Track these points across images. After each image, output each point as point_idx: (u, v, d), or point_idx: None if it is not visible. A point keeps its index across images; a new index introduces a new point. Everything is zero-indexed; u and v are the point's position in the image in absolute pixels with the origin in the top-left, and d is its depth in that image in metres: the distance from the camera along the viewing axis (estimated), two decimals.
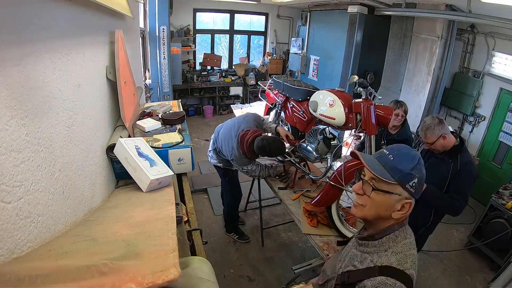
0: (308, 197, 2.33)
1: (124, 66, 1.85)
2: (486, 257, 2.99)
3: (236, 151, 2.33)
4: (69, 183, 1.06)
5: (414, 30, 4.11)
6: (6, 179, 0.69)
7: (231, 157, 2.38)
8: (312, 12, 5.93)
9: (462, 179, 1.89)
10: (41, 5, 0.94)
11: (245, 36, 7.11)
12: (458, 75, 4.18)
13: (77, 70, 1.21)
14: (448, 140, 1.91)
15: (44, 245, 0.83)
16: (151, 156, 1.57)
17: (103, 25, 1.69)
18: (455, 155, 1.92)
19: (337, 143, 2.24)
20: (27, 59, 0.83)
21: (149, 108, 2.52)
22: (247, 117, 2.51)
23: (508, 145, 3.64)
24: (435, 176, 1.95)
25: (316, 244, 1.93)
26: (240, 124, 2.40)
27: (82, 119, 1.24)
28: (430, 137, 1.93)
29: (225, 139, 2.43)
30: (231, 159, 2.41)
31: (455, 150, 1.93)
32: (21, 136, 0.77)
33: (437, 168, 1.98)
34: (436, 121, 1.89)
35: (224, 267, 2.74)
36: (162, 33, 5.08)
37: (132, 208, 1.29)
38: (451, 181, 1.92)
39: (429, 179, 1.92)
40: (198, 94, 6.63)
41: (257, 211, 3.24)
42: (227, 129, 2.48)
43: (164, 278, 0.67)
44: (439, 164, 1.99)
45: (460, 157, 1.91)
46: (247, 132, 2.30)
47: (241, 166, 2.41)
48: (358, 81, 1.83)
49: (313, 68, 6.07)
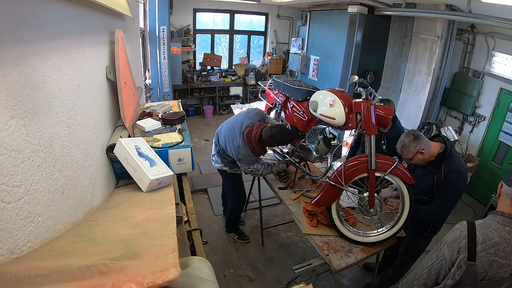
0: (308, 197, 2.33)
1: (124, 66, 1.85)
2: None
3: (243, 149, 2.28)
4: (69, 183, 1.06)
5: (414, 30, 4.10)
6: (6, 179, 0.69)
7: (238, 156, 2.32)
8: (312, 12, 5.93)
9: (446, 188, 1.87)
10: (41, 5, 0.94)
11: (245, 36, 7.11)
12: (458, 75, 4.18)
13: (77, 70, 1.21)
14: (428, 153, 1.87)
15: (44, 245, 0.83)
16: (151, 156, 1.57)
17: (103, 25, 1.69)
18: (440, 164, 1.89)
19: (337, 143, 2.24)
20: (27, 59, 0.83)
21: (149, 108, 2.52)
22: (249, 113, 2.47)
23: (508, 145, 3.63)
24: (424, 188, 1.95)
25: (316, 244, 1.93)
26: (243, 121, 2.36)
27: (82, 119, 1.24)
28: (406, 154, 1.91)
29: (229, 138, 2.38)
30: (237, 158, 2.35)
31: (439, 159, 1.89)
32: (21, 136, 0.77)
33: (425, 179, 1.96)
34: (411, 138, 1.86)
35: (224, 267, 2.74)
36: (162, 33, 5.08)
37: (132, 208, 1.29)
38: (436, 191, 1.90)
39: (419, 190, 1.94)
40: (198, 94, 6.63)
41: (257, 211, 3.24)
42: (230, 127, 2.43)
43: (164, 278, 0.67)
44: (427, 176, 1.96)
45: (444, 166, 1.87)
46: (252, 128, 2.26)
47: (247, 166, 2.35)
48: (358, 81, 1.83)
49: (313, 68, 6.07)
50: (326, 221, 2.04)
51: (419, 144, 1.86)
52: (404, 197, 1.87)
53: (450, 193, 1.89)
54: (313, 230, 2.02)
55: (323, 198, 1.91)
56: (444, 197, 1.89)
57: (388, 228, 1.96)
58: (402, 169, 1.82)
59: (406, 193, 1.86)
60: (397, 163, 1.80)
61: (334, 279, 2.68)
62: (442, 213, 1.97)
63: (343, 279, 2.70)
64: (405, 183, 1.84)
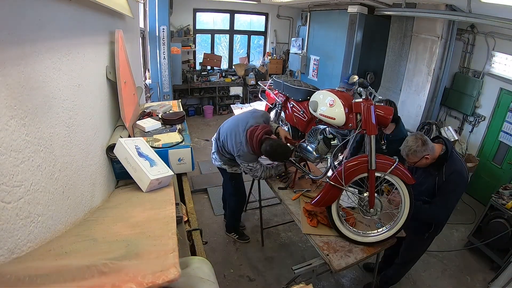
0: (308, 197, 2.33)
1: (124, 66, 1.85)
2: (486, 257, 2.99)
3: (245, 147, 2.28)
4: (69, 183, 1.06)
5: (414, 30, 4.10)
6: (6, 179, 0.69)
7: (238, 152, 2.32)
8: (312, 12, 5.93)
9: (447, 189, 1.88)
10: (41, 5, 0.93)
11: (245, 36, 7.11)
12: (458, 75, 4.18)
13: (77, 70, 1.21)
14: (431, 157, 1.89)
15: (44, 245, 0.83)
16: (151, 156, 1.57)
17: (103, 25, 1.69)
18: (441, 166, 1.90)
19: (337, 143, 2.24)
20: (27, 59, 0.83)
21: (149, 108, 2.52)
22: (255, 113, 2.47)
23: (508, 145, 3.63)
24: (425, 189, 1.96)
25: (316, 244, 1.93)
26: (248, 120, 2.36)
27: (82, 119, 1.24)
28: (412, 158, 1.91)
29: (231, 133, 2.37)
30: (237, 154, 2.34)
31: (440, 161, 1.90)
32: (21, 136, 0.77)
33: (426, 180, 1.97)
34: (419, 143, 1.86)
35: (224, 267, 2.74)
36: (162, 33, 5.08)
37: (132, 208, 1.29)
38: (437, 192, 1.91)
39: (420, 191, 1.94)
40: (198, 94, 6.63)
41: (257, 211, 3.24)
42: (234, 123, 2.42)
43: (164, 278, 0.67)
44: (428, 177, 1.97)
45: (445, 167, 1.88)
46: (256, 128, 2.26)
47: (246, 163, 2.35)
48: (358, 81, 1.83)
49: (313, 68, 6.07)
50: (326, 221, 2.04)
51: (426, 150, 1.86)
52: (404, 197, 1.87)
53: (451, 194, 1.90)
54: (313, 230, 2.02)
55: (323, 198, 1.91)
56: (445, 198, 1.90)
57: (388, 228, 1.96)
58: (402, 169, 1.82)
59: (406, 193, 1.86)
60: (397, 163, 1.80)
61: (334, 279, 2.68)
62: (444, 214, 1.97)
63: (343, 279, 2.70)
64: (405, 183, 1.84)
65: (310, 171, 2.58)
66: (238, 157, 2.36)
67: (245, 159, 2.34)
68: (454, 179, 1.86)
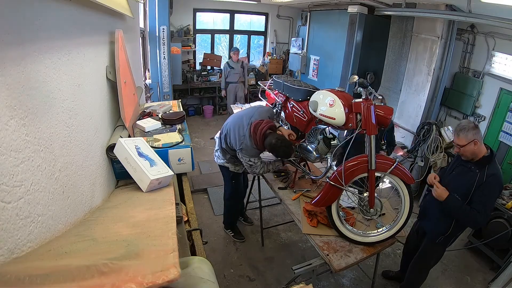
0: (308, 197, 2.33)
1: (124, 66, 1.85)
2: (486, 257, 2.99)
3: (248, 140, 2.26)
4: (69, 183, 1.06)
5: (414, 30, 4.10)
6: (6, 179, 0.69)
7: (240, 145, 2.29)
8: (312, 12, 5.93)
9: (486, 191, 1.84)
10: (41, 5, 0.93)
11: (245, 36, 7.11)
12: (458, 75, 4.18)
13: (77, 70, 1.21)
14: (478, 148, 1.85)
15: (44, 245, 0.83)
16: (151, 156, 1.57)
17: (103, 25, 1.69)
18: (483, 166, 1.86)
19: (337, 143, 2.24)
20: (27, 59, 0.83)
21: (149, 108, 2.52)
22: (260, 108, 2.47)
23: (508, 145, 3.63)
24: (460, 186, 1.92)
25: (316, 244, 1.93)
26: (253, 114, 2.35)
27: (82, 119, 1.24)
28: (461, 139, 1.86)
29: (235, 126, 2.35)
30: (239, 148, 2.31)
31: (484, 160, 1.87)
32: (21, 136, 0.77)
33: (463, 178, 1.93)
34: (472, 125, 1.84)
35: (224, 267, 2.74)
36: (162, 33, 5.08)
37: (132, 208, 1.29)
38: (475, 192, 1.86)
39: (454, 188, 1.92)
40: (198, 94, 6.63)
41: (257, 211, 3.24)
42: (239, 117, 2.41)
43: (164, 278, 0.67)
44: (466, 174, 1.93)
45: (487, 169, 1.85)
46: (261, 122, 2.24)
47: (248, 157, 2.32)
48: (358, 81, 1.83)
49: (313, 68, 6.07)
50: (326, 221, 2.04)
51: (476, 134, 1.83)
52: (404, 197, 1.87)
53: (490, 199, 1.87)
54: (313, 230, 2.02)
55: (323, 198, 1.91)
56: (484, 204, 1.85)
57: (388, 228, 1.96)
58: (402, 169, 1.82)
59: (406, 193, 1.86)
60: (397, 163, 1.80)
61: (334, 279, 2.68)
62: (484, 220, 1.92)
63: (343, 279, 2.70)
64: (405, 183, 1.84)
65: (310, 171, 2.58)
66: (240, 151, 2.33)
67: (247, 153, 2.30)
68: (493, 182, 1.83)
